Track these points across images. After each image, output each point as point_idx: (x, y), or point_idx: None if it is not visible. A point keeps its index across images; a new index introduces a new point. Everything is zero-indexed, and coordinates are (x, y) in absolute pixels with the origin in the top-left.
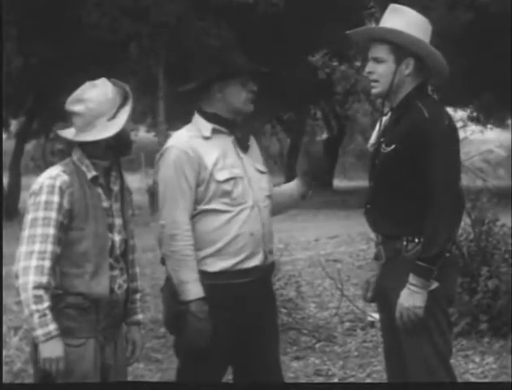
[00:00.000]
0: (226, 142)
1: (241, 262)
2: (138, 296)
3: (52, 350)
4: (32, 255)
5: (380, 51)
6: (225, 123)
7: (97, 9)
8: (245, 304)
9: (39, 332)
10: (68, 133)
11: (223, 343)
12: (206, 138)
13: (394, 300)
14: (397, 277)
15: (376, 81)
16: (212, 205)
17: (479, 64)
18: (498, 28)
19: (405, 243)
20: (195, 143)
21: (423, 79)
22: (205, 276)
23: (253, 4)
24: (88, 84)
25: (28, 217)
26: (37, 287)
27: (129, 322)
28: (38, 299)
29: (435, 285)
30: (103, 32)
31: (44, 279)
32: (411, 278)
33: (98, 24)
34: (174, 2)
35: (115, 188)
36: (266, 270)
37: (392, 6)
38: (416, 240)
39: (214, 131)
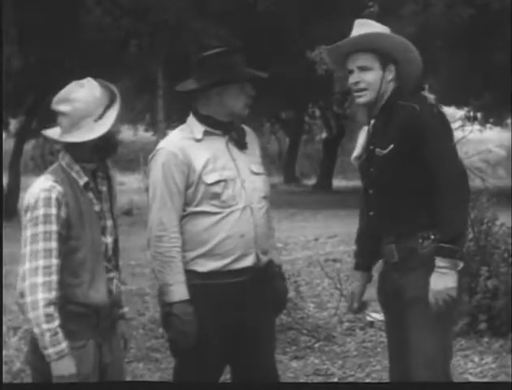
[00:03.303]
0: (218, 144)
1: (231, 263)
2: (121, 288)
3: (65, 368)
4: (37, 271)
5: (367, 60)
6: (219, 126)
7: (97, 8)
8: (236, 303)
9: (51, 351)
10: (53, 133)
11: (216, 342)
12: (198, 140)
13: (409, 296)
14: (415, 272)
15: (364, 90)
16: (201, 207)
17: (479, 62)
18: (499, 25)
19: (420, 240)
20: (186, 145)
21: (400, 83)
22: (195, 276)
23: (253, 3)
24: (74, 83)
25: (28, 233)
26: (48, 304)
27: (117, 316)
28: (49, 318)
29: (461, 265)
30: (103, 31)
31: (52, 295)
32: (438, 261)
33: (98, 23)
34: (173, 0)
35: (103, 188)
36: (260, 271)
37: (360, 21)
38: (432, 237)
39: (205, 133)
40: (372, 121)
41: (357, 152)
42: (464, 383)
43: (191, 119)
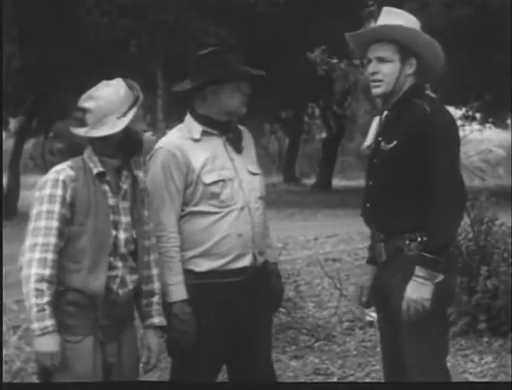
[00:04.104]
0: (216, 144)
1: (229, 262)
2: (155, 299)
3: (46, 345)
4: (35, 248)
5: (387, 51)
6: (216, 126)
7: (97, 8)
8: (234, 303)
9: (35, 326)
10: (81, 130)
11: (213, 342)
12: (196, 140)
13: (395, 298)
14: (399, 275)
15: (381, 81)
16: (200, 207)
17: (478, 62)
18: (498, 25)
19: (407, 242)
20: (184, 145)
21: (419, 78)
22: (193, 276)
23: (253, 3)
24: (103, 82)
25: (33, 211)
26: (39, 280)
27: (145, 326)
28: (39, 293)
29: (440, 278)
30: (103, 32)
31: (46, 272)
32: (418, 270)
33: (98, 24)
34: (173, 0)
35: (124, 186)
36: (257, 271)
37: (387, 9)
38: (419, 239)
39: (203, 133)
40: (386, 112)
41: (368, 141)
42: (464, 383)
43: (188, 119)
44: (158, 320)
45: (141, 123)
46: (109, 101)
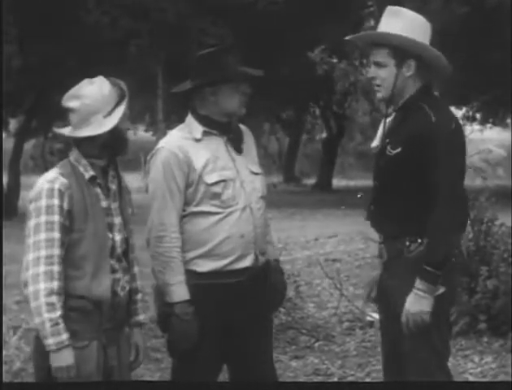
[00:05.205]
0: (218, 144)
1: (231, 263)
2: (139, 296)
3: (64, 359)
4: (39, 261)
5: (381, 55)
6: (217, 126)
7: (97, 8)
8: (235, 304)
9: (51, 341)
10: (65, 130)
11: (213, 342)
12: (197, 140)
13: (394, 299)
14: (398, 277)
15: (379, 86)
16: (201, 207)
17: (477, 61)
18: (496, 23)
19: (407, 243)
20: (186, 144)
21: (427, 79)
22: (194, 276)
23: (253, 2)
24: (85, 81)
25: (31, 223)
26: (49, 294)
27: (131, 324)
28: (51, 307)
29: (441, 290)
30: (103, 31)
31: (55, 285)
32: (418, 283)
33: (98, 23)
34: (173, 0)
35: (113, 187)
36: (259, 271)
37: (390, 9)
38: (419, 241)
39: (205, 133)
40: (393, 114)
41: (376, 142)
42: (464, 383)
43: (189, 119)
44: (142, 317)
45: (126, 121)
46: (94, 100)
